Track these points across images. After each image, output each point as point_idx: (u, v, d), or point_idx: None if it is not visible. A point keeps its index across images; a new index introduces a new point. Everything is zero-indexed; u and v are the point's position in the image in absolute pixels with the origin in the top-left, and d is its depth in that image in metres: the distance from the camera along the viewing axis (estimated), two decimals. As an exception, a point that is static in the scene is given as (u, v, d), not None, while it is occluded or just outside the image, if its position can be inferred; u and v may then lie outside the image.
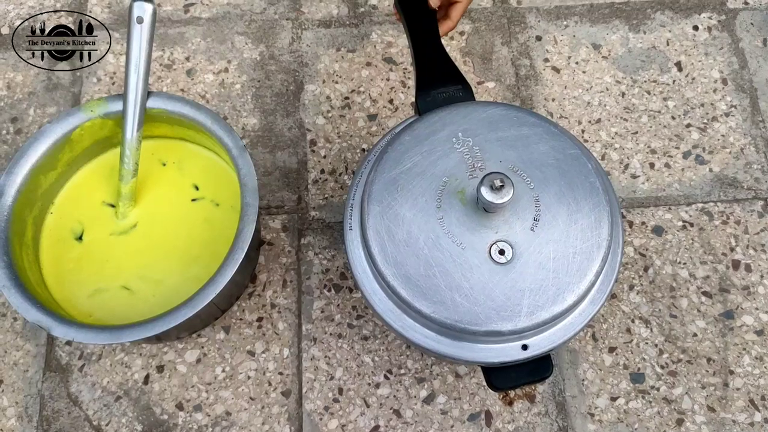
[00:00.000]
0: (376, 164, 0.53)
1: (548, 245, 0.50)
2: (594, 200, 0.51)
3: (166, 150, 0.69)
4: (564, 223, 0.51)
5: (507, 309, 0.48)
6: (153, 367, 0.67)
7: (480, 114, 0.55)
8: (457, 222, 0.51)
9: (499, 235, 0.50)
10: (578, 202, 0.51)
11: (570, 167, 0.53)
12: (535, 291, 0.49)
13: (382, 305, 0.52)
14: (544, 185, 0.52)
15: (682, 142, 0.78)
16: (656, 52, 0.83)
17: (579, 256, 0.50)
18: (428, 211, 0.51)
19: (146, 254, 0.64)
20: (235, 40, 0.83)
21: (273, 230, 0.73)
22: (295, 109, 0.79)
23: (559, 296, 0.49)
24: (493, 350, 0.51)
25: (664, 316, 0.69)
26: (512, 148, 0.53)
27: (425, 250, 0.50)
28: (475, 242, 0.50)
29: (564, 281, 0.49)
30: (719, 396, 0.66)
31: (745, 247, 0.73)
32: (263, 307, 0.70)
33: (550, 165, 0.53)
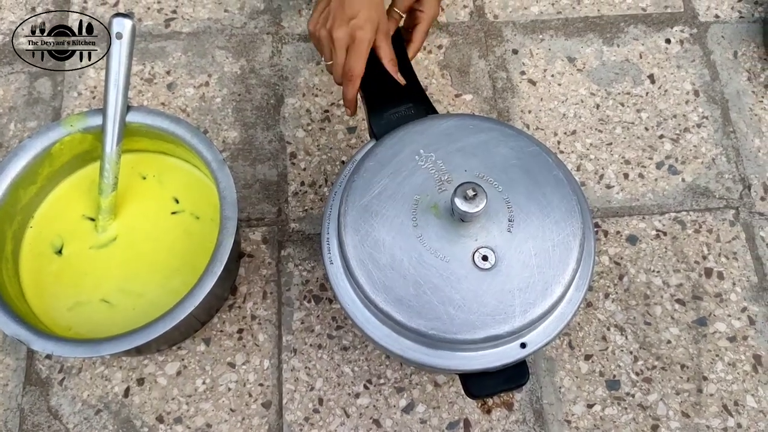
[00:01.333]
0: (346, 194, 0.54)
1: (527, 243, 0.51)
2: (561, 192, 0.54)
3: (146, 163, 0.69)
4: (538, 219, 0.52)
5: (501, 312, 0.49)
6: (133, 380, 0.67)
7: (436, 128, 0.57)
8: (436, 237, 0.52)
9: (479, 242, 0.51)
10: (546, 196, 0.53)
11: (532, 164, 0.55)
12: (523, 289, 0.50)
13: (377, 332, 0.53)
14: (511, 186, 0.54)
15: (655, 153, 0.80)
16: (630, 65, 0.85)
17: (558, 248, 0.51)
18: (406, 231, 0.52)
19: (126, 267, 0.65)
20: (216, 54, 0.84)
21: (253, 242, 0.74)
22: (276, 122, 0.80)
23: (548, 290, 0.50)
24: (493, 354, 0.52)
25: (638, 324, 0.71)
26: (474, 156, 0.55)
27: (411, 270, 0.51)
28: (458, 253, 0.51)
29: (549, 274, 0.51)
30: (693, 402, 0.67)
31: (717, 255, 0.74)
32: (243, 318, 0.70)
33: (513, 166, 0.55)
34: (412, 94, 0.63)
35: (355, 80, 0.61)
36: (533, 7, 0.89)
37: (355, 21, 0.60)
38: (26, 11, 0.85)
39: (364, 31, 0.60)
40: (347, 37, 0.60)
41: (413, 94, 0.63)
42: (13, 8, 0.86)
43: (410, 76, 0.65)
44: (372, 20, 0.60)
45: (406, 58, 0.67)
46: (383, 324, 0.52)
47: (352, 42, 0.60)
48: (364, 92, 0.62)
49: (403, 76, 0.64)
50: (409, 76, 0.65)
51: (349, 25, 0.60)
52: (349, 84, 0.62)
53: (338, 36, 0.60)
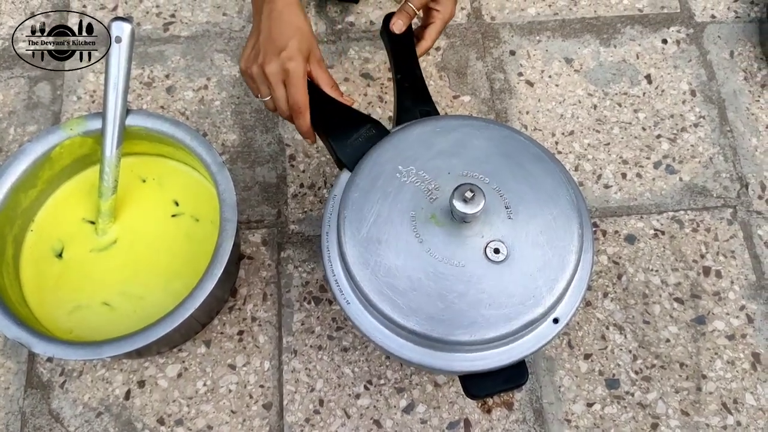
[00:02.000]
0: (342, 232, 0.53)
1: (530, 224, 0.52)
2: (543, 166, 0.55)
3: (146, 166, 0.69)
4: (532, 198, 0.53)
5: (529, 297, 0.50)
6: (134, 383, 0.67)
7: (406, 140, 0.57)
8: (443, 246, 0.52)
9: (486, 238, 0.52)
10: (532, 174, 0.54)
11: (509, 148, 0.56)
12: (542, 268, 0.51)
13: (414, 354, 0.52)
14: (497, 175, 0.54)
15: (652, 153, 0.80)
16: (626, 66, 0.85)
17: (560, 219, 0.53)
18: (414, 249, 0.52)
19: (127, 270, 0.65)
20: (215, 58, 0.84)
21: (253, 244, 0.74)
22: (274, 125, 0.80)
23: (563, 261, 0.51)
24: (533, 338, 0.52)
25: (637, 323, 0.71)
26: (453, 156, 0.55)
27: (432, 285, 0.51)
28: (469, 254, 0.51)
29: (560, 246, 0.52)
30: (692, 400, 0.68)
31: (715, 254, 0.74)
32: (244, 320, 0.70)
33: (493, 154, 0.55)
34: (364, 117, 0.61)
35: (303, 112, 0.59)
36: (530, 9, 0.89)
37: (285, 53, 0.58)
38: (25, 15, 0.86)
39: (296, 62, 0.58)
40: (281, 72, 0.58)
41: (365, 116, 0.61)
42: (12, 13, 0.86)
43: (415, 74, 0.65)
44: (302, 50, 0.58)
45: (413, 57, 0.67)
46: (418, 345, 0.52)
47: (286, 76, 0.58)
48: (320, 126, 0.61)
49: (407, 75, 0.64)
50: (414, 75, 0.65)
51: (280, 57, 0.58)
52: (299, 117, 0.60)
53: (271, 71, 0.58)
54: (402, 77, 0.65)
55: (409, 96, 0.64)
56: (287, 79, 0.59)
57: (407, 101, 0.64)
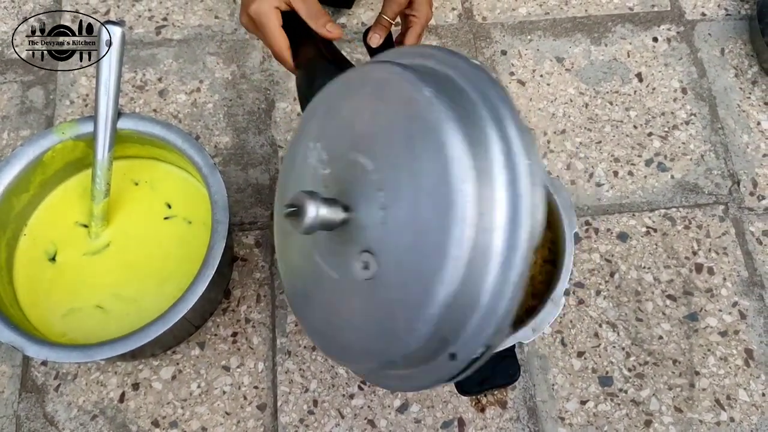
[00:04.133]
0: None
1: (404, 234, 0.35)
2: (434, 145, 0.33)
3: (138, 170, 0.70)
4: (411, 195, 0.34)
5: (389, 331, 0.36)
6: (128, 385, 0.67)
7: (325, 100, 0.44)
8: (327, 248, 0.41)
9: (359, 246, 0.37)
10: (417, 155, 0.34)
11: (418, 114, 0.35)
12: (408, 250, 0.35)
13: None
14: (386, 159, 0.37)
15: (644, 151, 0.80)
16: (617, 64, 0.86)
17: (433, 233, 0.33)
18: (306, 249, 0.43)
19: (120, 273, 0.65)
20: (207, 61, 0.84)
21: (246, 246, 0.74)
22: (267, 127, 0.80)
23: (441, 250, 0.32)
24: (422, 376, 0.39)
25: (630, 320, 0.71)
26: (351, 128, 0.41)
27: (317, 293, 0.43)
28: (344, 263, 0.39)
29: (432, 241, 0.33)
30: (686, 396, 0.68)
31: (707, 251, 0.75)
32: (238, 322, 0.70)
33: (392, 125, 0.37)
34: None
35: (280, 55, 0.57)
36: (521, 8, 0.89)
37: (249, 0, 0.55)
38: (18, 21, 0.86)
39: (258, 5, 0.55)
40: (250, 20, 0.56)
41: (347, 65, 0.55)
42: (5, 18, 0.86)
43: None
44: None
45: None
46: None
47: (256, 22, 0.56)
48: (301, 67, 0.56)
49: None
50: None
51: (248, 5, 0.55)
52: (280, 61, 0.58)
53: (244, 22, 0.58)
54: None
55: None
56: (258, 26, 0.57)
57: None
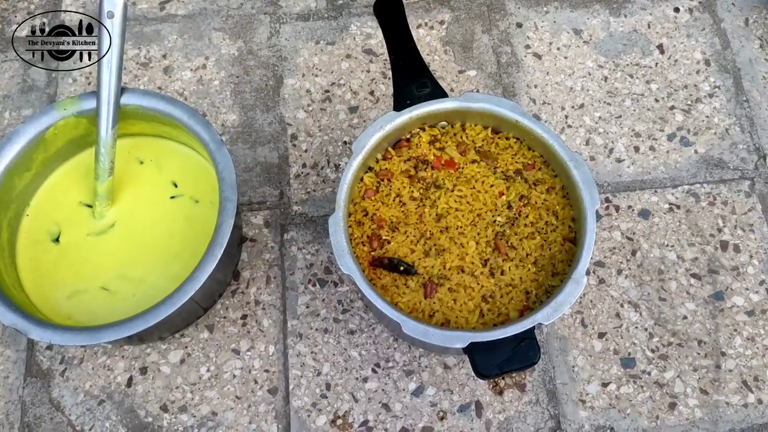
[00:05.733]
0: None
1: None
2: None
3: (143, 147, 0.68)
4: None
5: None
6: (136, 369, 0.66)
7: None
8: None
9: None
10: None
11: None
12: None
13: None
14: None
15: (666, 125, 0.77)
16: (638, 36, 0.83)
17: None
18: None
19: (125, 254, 0.63)
20: (213, 36, 0.82)
21: (255, 226, 0.72)
22: (275, 104, 0.78)
23: None
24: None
25: (653, 300, 0.69)
26: None
27: None
28: None
29: None
30: (711, 378, 0.65)
31: (733, 228, 0.72)
32: (247, 304, 0.68)
33: None
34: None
35: None
36: (537, -20, 0.86)
37: None
38: None
39: None
40: None
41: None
42: None
43: (409, 48, 0.63)
44: None
45: (406, 30, 0.64)
46: None
47: None
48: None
49: (401, 52, 0.62)
50: (408, 48, 0.63)
51: None
52: None
53: None
54: (396, 56, 0.63)
55: (404, 74, 0.62)
56: None
57: (403, 80, 0.62)
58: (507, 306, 0.57)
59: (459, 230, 0.59)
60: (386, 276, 0.58)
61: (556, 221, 0.59)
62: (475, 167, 0.61)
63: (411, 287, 0.57)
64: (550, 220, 0.59)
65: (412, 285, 0.57)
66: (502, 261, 0.58)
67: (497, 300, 0.57)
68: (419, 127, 0.63)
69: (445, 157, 0.62)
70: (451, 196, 0.60)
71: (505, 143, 0.63)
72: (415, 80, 0.62)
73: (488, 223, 0.59)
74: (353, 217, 0.60)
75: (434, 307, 0.57)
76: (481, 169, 0.61)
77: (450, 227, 0.59)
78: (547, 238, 0.59)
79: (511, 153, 0.62)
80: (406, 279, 0.58)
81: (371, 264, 0.58)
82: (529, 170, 0.62)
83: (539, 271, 0.58)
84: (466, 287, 0.57)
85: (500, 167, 0.61)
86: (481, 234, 0.59)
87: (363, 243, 0.59)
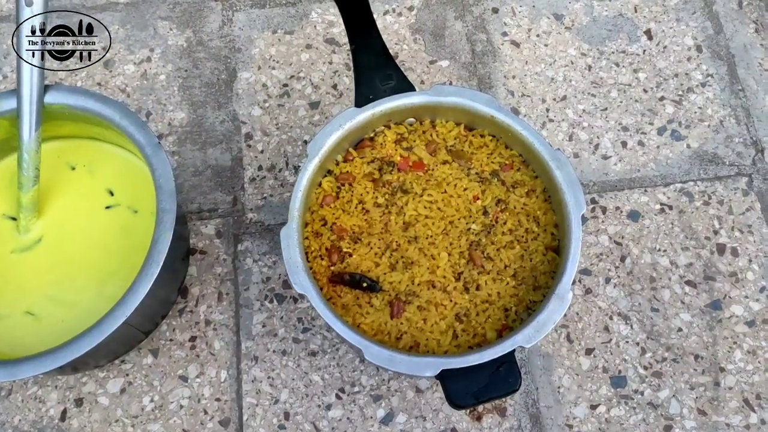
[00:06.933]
0: None
1: None
2: None
3: (75, 151, 0.62)
4: None
5: None
6: (71, 401, 0.59)
7: None
8: None
9: None
10: None
11: None
12: None
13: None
14: None
15: (656, 117, 0.72)
16: (624, 20, 0.77)
17: None
18: None
19: (54, 273, 0.57)
20: (158, 26, 0.75)
21: (205, 237, 0.65)
22: (228, 100, 0.72)
23: None
24: None
25: (644, 311, 0.63)
26: None
27: None
28: None
29: None
30: (710, 397, 0.60)
31: (730, 229, 0.67)
32: (196, 324, 0.62)
33: None
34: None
35: None
36: (514, -39, 0.80)
37: None
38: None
39: None
40: None
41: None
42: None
43: (372, 36, 0.57)
44: None
45: (368, 16, 0.58)
46: None
47: None
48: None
49: (363, 40, 0.57)
50: (371, 36, 0.57)
51: None
52: None
53: None
54: (357, 45, 0.58)
55: (367, 65, 0.57)
56: None
57: (365, 72, 0.57)
58: (483, 325, 0.52)
59: (429, 240, 0.54)
60: (347, 294, 0.53)
61: (538, 228, 0.54)
62: (446, 169, 0.56)
63: (375, 306, 0.52)
64: (530, 227, 0.54)
65: (377, 303, 0.52)
66: (478, 274, 0.53)
67: (472, 319, 0.52)
68: (384, 124, 0.58)
69: (413, 157, 0.57)
70: (419, 201, 0.55)
71: (479, 141, 0.58)
72: (379, 72, 0.57)
73: (462, 232, 0.54)
74: (310, 227, 0.55)
75: (402, 328, 0.52)
76: (454, 170, 0.56)
77: (419, 237, 0.54)
78: (527, 247, 0.54)
79: (487, 152, 0.57)
80: (369, 297, 0.52)
81: (330, 280, 0.53)
82: (506, 171, 0.56)
83: (519, 285, 0.53)
84: (437, 305, 0.52)
85: (474, 168, 0.56)
86: (454, 244, 0.53)
87: (321, 257, 0.54)
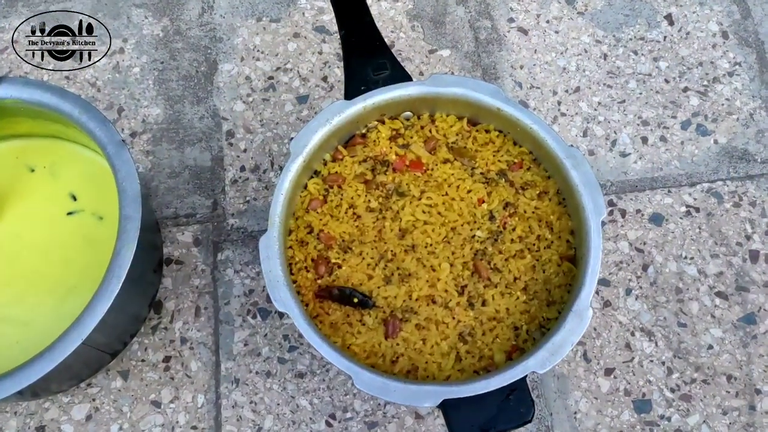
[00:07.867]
0: None
1: None
2: None
3: (35, 152, 0.58)
4: None
5: None
6: (31, 429, 0.55)
7: None
8: None
9: None
10: None
11: None
12: None
13: None
14: None
15: (679, 110, 0.67)
16: (642, 4, 0.72)
17: None
18: None
19: (8, 288, 0.53)
20: (132, 14, 0.71)
21: (182, 245, 0.60)
22: (208, 95, 0.67)
23: None
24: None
25: (670, 326, 0.58)
26: None
27: None
28: None
29: None
30: (745, 423, 0.55)
31: (764, 234, 0.62)
32: (171, 343, 0.57)
33: None
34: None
35: None
36: (521, -59, 0.74)
37: None
38: None
39: None
40: None
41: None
42: None
43: (364, 22, 0.54)
44: None
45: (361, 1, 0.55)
46: None
47: None
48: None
49: (354, 26, 0.54)
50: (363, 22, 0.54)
51: None
52: None
53: None
54: (347, 31, 0.55)
55: (358, 53, 0.54)
56: None
57: (356, 60, 0.55)
58: (490, 346, 0.48)
59: (428, 249, 0.50)
60: (336, 311, 0.49)
61: (551, 235, 0.51)
62: (447, 168, 0.52)
63: (368, 324, 0.48)
64: (543, 233, 0.51)
65: (370, 321, 0.48)
66: (484, 288, 0.49)
67: (478, 339, 0.48)
68: (377, 119, 0.54)
69: (410, 156, 0.53)
70: (418, 205, 0.51)
71: (484, 137, 0.54)
72: (372, 61, 0.54)
73: (465, 240, 0.50)
74: (294, 235, 0.51)
75: (398, 349, 0.48)
76: (456, 170, 0.52)
77: (417, 246, 0.50)
78: (539, 257, 0.50)
79: (493, 149, 0.53)
80: (361, 314, 0.49)
81: (317, 295, 0.49)
82: (515, 171, 0.53)
83: (531, 300, 0.49)
84: (438, 323, 0.48)
85: (479, 168, 0.53)
86: (457, 253, 0.50)
87: (307, 268, 0.51)
